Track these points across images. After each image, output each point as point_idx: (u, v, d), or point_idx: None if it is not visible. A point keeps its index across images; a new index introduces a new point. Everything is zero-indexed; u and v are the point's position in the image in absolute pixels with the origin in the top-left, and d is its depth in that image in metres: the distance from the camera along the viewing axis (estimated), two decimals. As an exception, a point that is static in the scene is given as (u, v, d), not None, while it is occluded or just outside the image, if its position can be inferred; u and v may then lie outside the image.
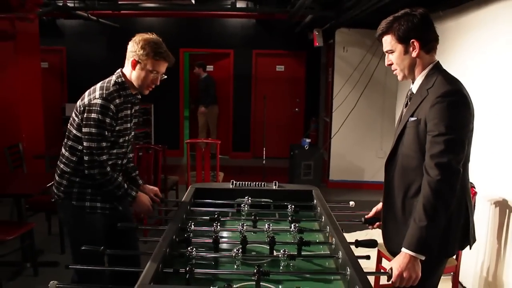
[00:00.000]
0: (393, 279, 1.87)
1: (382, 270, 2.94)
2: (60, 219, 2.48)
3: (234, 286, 1.75)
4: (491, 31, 3.65)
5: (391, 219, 2.13)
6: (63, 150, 2.48)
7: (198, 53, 9.22)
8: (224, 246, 2.17)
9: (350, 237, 2.21)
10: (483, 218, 3.45)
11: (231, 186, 2.89)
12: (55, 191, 2.51)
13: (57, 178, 2.50)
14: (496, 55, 3.55)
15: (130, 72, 2.45)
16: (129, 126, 2.54)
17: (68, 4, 6.76)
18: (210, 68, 8.99)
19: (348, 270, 1.79)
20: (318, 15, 6.46)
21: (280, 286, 1.80)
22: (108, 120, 2.34)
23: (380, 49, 2.19)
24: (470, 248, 2.14)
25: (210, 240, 2.12)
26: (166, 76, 2.53)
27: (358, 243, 2.15)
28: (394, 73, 2.13)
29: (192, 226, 2.24)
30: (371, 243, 2.17)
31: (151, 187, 2.80)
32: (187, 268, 1.75)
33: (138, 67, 2.42)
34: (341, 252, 1.93)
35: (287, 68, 9.33)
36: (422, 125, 1.96)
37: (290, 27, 7.97)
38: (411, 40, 2.00)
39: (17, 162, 4.92)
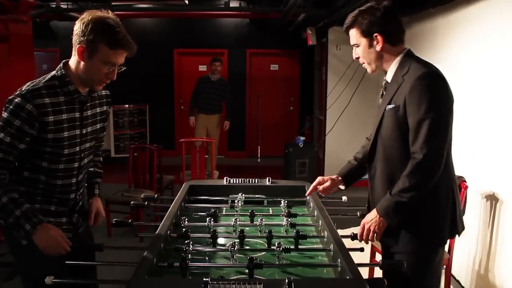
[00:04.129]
0: (360, 227, 2.07)
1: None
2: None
3: (230, 278, 1.79)
4: (481, 27, 3.69)
5: None
6: None
7: (193, 53, 9.23)
8: (219, 241, 2.20)
9: (346, 233, 2.24)
10: (474, 212, 3.50)
11: (225, 182, 2.92)
12: None
13: None
14: (486, 50, 3.59)
15: (77, 62, 1.87)
16: (78, 133, 1.94)
17: (62, 5, 6.77)
18: (203, 67, 9.02)
19: (339, 262, 1.83)
20: (310, 14, 6.50)
21: (273, 279, 1.83)
22: (17, 123, 1.76)
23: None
24: (459, 235, 2.16)
25: (205, 235, 2.16)
26: (124, 68, 1.93)
27: (354, 236, 2.18)
28: (363, 66, 2.13)
29: (186, 221, 2.27)
30: None
31: (100, 206, 2.25)
32: (181, 262, 1.78)
33: (86, 55, 1.83)
34: (333, 244, 1.97)
35: (281, 67, 9.37)
36: (401, 111, 1.95)
37: (284, 26, 8.01)
38: (374, 34, 2.00)
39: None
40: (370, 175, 2.19)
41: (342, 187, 2.50)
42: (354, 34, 2.06)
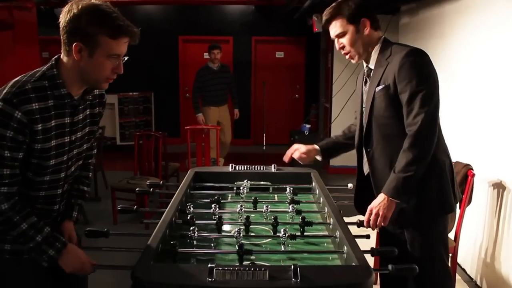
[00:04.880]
0: (366, 215, 2.08)
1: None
2: None
3: (235, 264, 1.78)
4: (490, 13, 3.64)
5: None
6: None
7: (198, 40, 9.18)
8: (224, 227, 2.20)
9: (351, 220, 2.23)
10: (481, 200, 3.48)
11: (230, 169, 2.91)
12: None
13: None
14: (495, 37, 3.54)
15: (73, 61, 1.60)
16: (67, 140, 1.71)
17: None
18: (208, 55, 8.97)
19: (345, 248, 1.82)
20: (316, 0, 6.43)
21: (278, 265, 1.83)
22: (10, 134, 1.52)
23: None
24: (457, 203, 2.24)
25: (210, 222, 2.16)
26: (127, 58, 1.69)
27: (360, 223, 2.18)
28: (347, 56, 2.18)
29: (191, 208, 2.27)
30: None
31: (72, 230, 1.93)
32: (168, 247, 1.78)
33: (85, 54, 1.58)
34: (339, 231, 1.96)
35: (287, 54, 9.31)
36: (392, 89, 2.03)
37: (289, 13, 7.94)
38: (362, 19, 2.09)
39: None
40: (369, 158, 2.22)
41: (318, 158, 2.62)
42: (339, 24, 2.12)
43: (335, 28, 2.14)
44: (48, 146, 1.63)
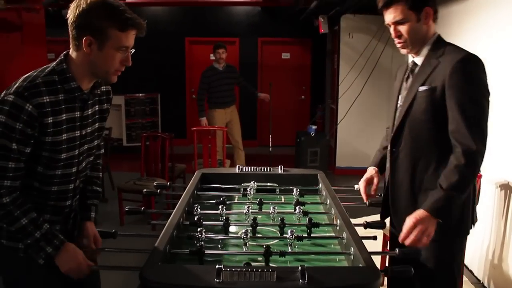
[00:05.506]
0: (406, 228, 1.85)
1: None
2: None
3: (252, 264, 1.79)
4: (500, 13, 3.62)
5: (399, 200, 2.11)
6: None
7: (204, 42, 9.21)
8: (232, 228, 2.20)
9: (358, 222, 2.23)
10: (488, 201, 3.46)
11: (237, 171, 2.92)
12: None
13: None
14: (503, 38, 3.53)
15: (83, 55, 1.65)
16: (78, 134, 1.74)
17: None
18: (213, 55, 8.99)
19: (352, 250, 1.82)
20: (322, 1, 6.43)
21: (285, 266, 1.83)
22: (19, 126, 1.55)
23: (386, 35, 2.17)
24: (474, 225, 2.12)
25: (217, 223, 2.17)
26: (134, 50, 1.72)
27: (367, 224, 2.18)
28: (399, 45, 2.01)
29: (199, 209, 2.28)
30: (379, 225, 2.20)
31: (96, 232, 1.96)
32: (195, 248, 1.79)
33: (95, 47, 1.62)
34: (346, 233, 1.96)
35: (293, 55, 9.32)
36: (438, 93, 1.89)
37: (295, 14, 7.95)
38: (425, 8, 1.93)
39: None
40: (392, 159, 2.11)
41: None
42: (400, 10, 1.92)
43: (394, 14, 1.94)
44: (59, 139, 1.66)
